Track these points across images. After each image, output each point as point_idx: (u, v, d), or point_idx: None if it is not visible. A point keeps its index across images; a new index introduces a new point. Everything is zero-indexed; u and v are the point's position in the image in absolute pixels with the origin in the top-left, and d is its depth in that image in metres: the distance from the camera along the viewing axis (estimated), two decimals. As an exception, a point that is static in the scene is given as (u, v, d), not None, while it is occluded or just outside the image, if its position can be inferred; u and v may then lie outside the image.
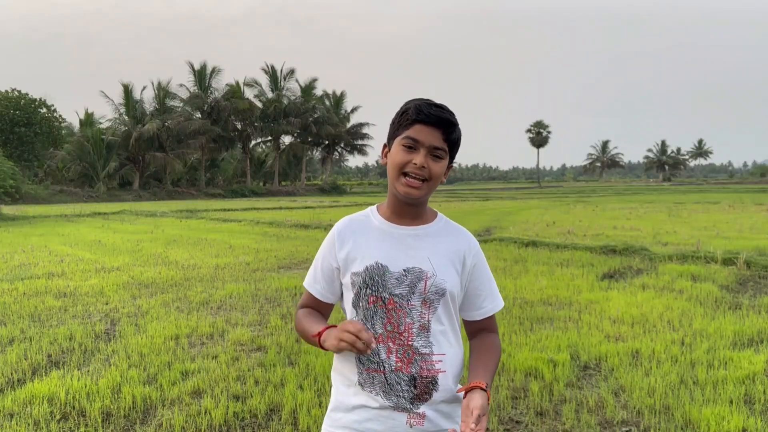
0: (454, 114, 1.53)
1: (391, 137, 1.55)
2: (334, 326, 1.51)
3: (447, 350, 1.56)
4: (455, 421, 1.56)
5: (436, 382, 1.53)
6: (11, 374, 4.34)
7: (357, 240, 1.58)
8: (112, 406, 3.71)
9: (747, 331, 5.22)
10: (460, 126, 1.57)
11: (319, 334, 1.53)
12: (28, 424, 3.47)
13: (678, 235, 13.01)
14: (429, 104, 1.50)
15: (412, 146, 1.49)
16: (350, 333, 1.42)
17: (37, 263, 10.02)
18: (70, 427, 3.46)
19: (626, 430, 3.39)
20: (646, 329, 5.38)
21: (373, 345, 1.44)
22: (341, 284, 1.62)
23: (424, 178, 1.49)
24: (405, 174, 1.50)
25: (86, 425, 3.48)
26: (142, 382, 4.13)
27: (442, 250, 1.57)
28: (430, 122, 1.48)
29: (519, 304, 6.43)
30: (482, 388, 1.43)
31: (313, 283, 1.65)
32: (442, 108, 1.51)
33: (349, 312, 1.59)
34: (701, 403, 3.67)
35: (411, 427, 1.51)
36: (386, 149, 1.57)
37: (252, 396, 3.87)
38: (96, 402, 3.75)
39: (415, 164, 1.48)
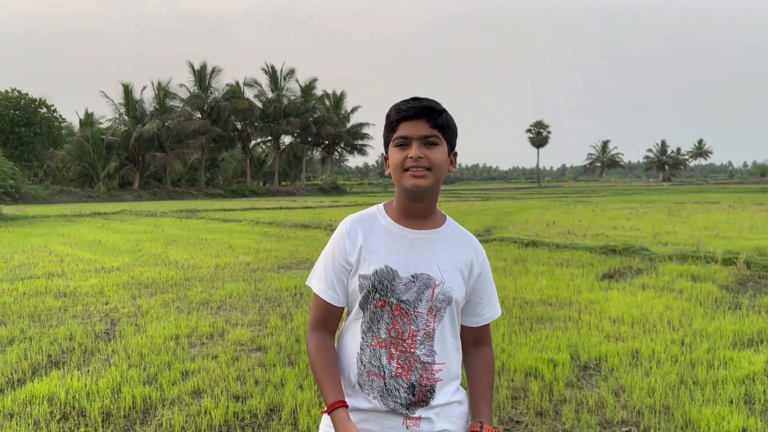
0: (436, 102, 1.52)
1: (386, 145, 1.56)
2: (343, 404, 1.48)
3: (447, 359, 1.55)
4: (451, 421, 1.57)
5: (434, 391, 1.53)
6: (11, 374, 4.34)
7: (366, 240, 1.55)
8: (112, 406, 3.71)
9: (747, 331, 5.22)
10: (459, 120, 1.56)
11: (328, 411, 1.49)
12: (28, 424, 3.47)
13: (678, 235, 13.01)
14: (406, 100, 1.52)
15: (404, 143, 1.49)
16: None
17: (37, 263, 10.02)
18: (70, 427, 3.46)
19: (626, 430, 3.39)
20: (646, 329, 5.38)
21: None
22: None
23: (425, 167, 1.48)
24: (406, 169, 1.49)
25: (86, 425, 3.48)
26: (142, 382, 4.12)
27: (451, 257, 1.55)
28: (411, 115, 1.48)
29: (519, 304, 6.43)
30: None
31: (327, 289, 1.57)
32: (420, 99, 1.51)
33: (355, 312, 1.57)
34: (701, 403, 3.67)
35: (407, 428, 1.52)
36: (387, 160, 1.57)
37: (252, 396, 3.87)
38: (96, 402, 3.75)
39: (411, 158, 1.47)
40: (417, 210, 1.55)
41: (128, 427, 3.47)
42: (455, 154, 1.57)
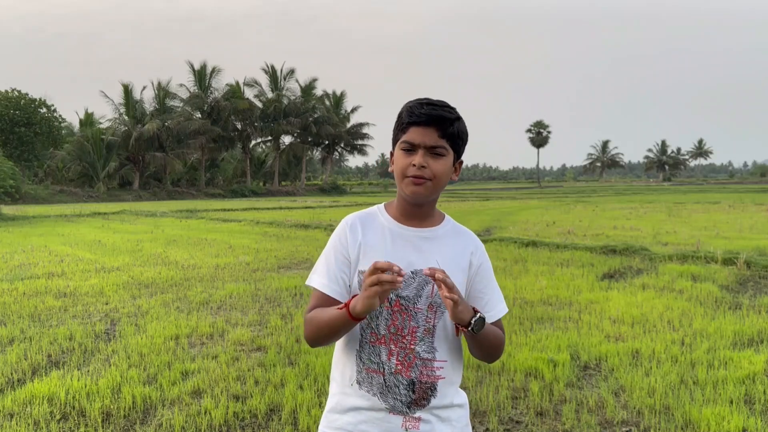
0: (452, 108, 1.50)
1: (394, 142, 1.55)
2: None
3: (449, 357, 1.54)
4: (453, 425, 1.55)
5: (435, 389, 1.52)
6: (11, 374, 4.34)
7: (366, 236, 1.55)
8: (112, 406, 3.71)
9: (747, 331, 5.23)
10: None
11: (347, 305, 1.41)
12: (28, 424, 3.47)
13: (678, 235, 13.01)
14: (421, 104, 1.49)
15: (410, 149, 1.49)
16: (373, 276, 1.32)
17: (37, 263, 10.02)
18: (70, 427, 3.46)
19: (626, 430, 3.39)
20: (646, 329, 5.38)
21: (402, 273, 1.33)
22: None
23: (426, 177, 1.48)
24: (408, 176, 1.49)
25: (86, 425, 3.48)
26: (142, 382, 4.13)
27: (450, 254, 1.55)
28: (422, 122, 1.47)
29: (519, 304, 6.43)
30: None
31: (329, 282, 1.53)
32: (434, 105, 1.48)
33: None
34: (701, 403, 3.67)
35: (407, 430, 1.50)
36: (393, 156, 1.56)
37: (252, 396, 3.87)
38: (96, 402, 3.75)
39: (414, 165, 1.47)
40: (416, 212, 1.56)
41: (128, 427, 3.47)
42: (460, 162, 1.56)
